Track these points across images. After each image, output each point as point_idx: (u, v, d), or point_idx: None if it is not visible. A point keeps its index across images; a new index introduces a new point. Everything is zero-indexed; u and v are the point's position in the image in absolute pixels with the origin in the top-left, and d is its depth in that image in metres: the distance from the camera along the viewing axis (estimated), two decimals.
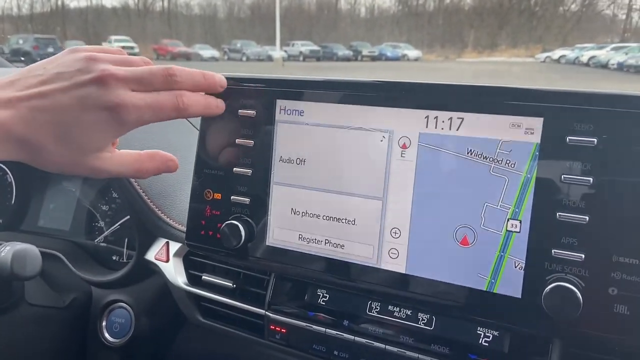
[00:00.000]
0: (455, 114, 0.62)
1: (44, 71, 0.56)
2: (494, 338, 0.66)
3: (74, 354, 0.98)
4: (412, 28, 50.19)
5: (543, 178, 0.58)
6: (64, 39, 40.58)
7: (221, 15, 61.27)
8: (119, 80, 0.55)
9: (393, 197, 0.66)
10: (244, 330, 0.84)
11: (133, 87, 0.57)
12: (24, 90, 0.53)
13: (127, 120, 0.56)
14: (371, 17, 56.99)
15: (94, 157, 0.57)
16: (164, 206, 0.91)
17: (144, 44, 40.35)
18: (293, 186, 0.73)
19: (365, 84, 0.68)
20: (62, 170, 0.56)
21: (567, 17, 41.02)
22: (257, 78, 0.74)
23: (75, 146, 0.54)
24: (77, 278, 1.00)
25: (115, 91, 0.55)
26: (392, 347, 0.70)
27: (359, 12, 59.63)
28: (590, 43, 33.10)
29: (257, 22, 53.88)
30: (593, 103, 0.56)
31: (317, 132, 0.71)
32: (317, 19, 53.55)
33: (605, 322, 0.56)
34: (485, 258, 0.62)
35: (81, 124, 0.54)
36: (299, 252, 0.73)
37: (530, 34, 42.20)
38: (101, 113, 0.54)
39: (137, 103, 0.56)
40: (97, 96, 0.54)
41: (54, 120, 0.53)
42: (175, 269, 0.90)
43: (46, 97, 0.53)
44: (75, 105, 0.53)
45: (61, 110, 0.53)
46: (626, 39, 35.91)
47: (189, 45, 40.41)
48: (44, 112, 0.52)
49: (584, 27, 41.23)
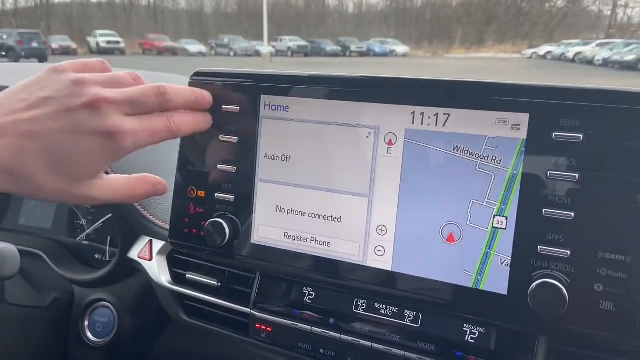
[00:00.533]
0: (441, 109, 0.62)
1: (28, 94, 0.51)
2: (480, 335, 0.66)
3: (56, 354, 0.97)
4: (400, 24, 50.28)
5: (529, 174, 0.58)
6: (48, 34, 40.03)
7: (208, 10, 60.88)
8: (111, 105, 0.52)
9: (379, 194, 0.66)
10: (229, 329, 0.83)
11: (126, 111, 0.54)
12: (9, 115, 0.49)
13: (124, 146, 0.53)
14: (359, 12, 56.97)
15: (85, 185, 0.54)
16: (147, 204, 0.90)
17: (129, 39, 39.98)
18: (278, 183, 0.72)
19: (352, 80, 0.67)
20: (48, 199, 0.53)
21: (553, 13, 41.34)
22: (241, 73, 0.73)
23: (67, 175, 0.51)
24: (58, 277, 0.99)
25: (109, 116, 0.52)
26: (378, 344, 0.70)
27: (347, 8, 59.57)
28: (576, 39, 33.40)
29: (244, 17, 53.62)
30: (579, 99, 0.55)
31: (303, 128, 0.70)
32: (305, 15, 53.41)
33: (591, 319, 0.55)
34: (472, 255, 0.61)
35: (74, 152, 0.51)
36: (284, 250, 0.72)
37: (517, 30, 42.47)
38: (95, 140, 0.51)
39: (133, 128, 0.54)
40: (91, 122, 0.51)
41: (44, 149, 0.49)
42: (159, 267, 0.89)
43: (35, 123, 0.49)
44: (67, 132, 0.50)
45: (52, 138, 0.49)
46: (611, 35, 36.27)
47: (175, 40, 40.11)
48: (33, 139, 0.49)
49: (570, 23, 41.57)
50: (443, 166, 0.62)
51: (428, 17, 48.67)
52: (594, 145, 0.55)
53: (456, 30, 45.78)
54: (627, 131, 0.53)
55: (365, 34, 47.96)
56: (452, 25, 46.30)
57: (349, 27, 52.62)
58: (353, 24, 54.44)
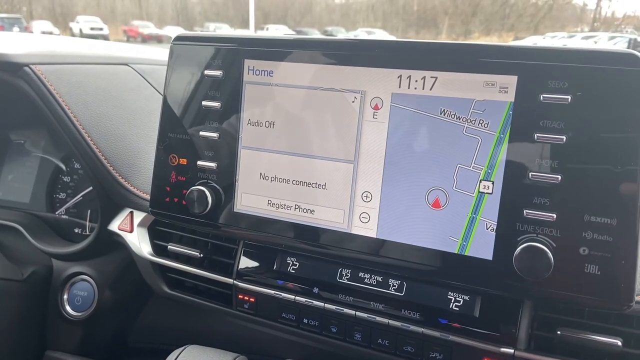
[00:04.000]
0: (428, 72, 0.61)
1: None
2: (464, 302, 0.65)
3: (34, 327, 0.95)
4: (386, 14, 50.13)
5: (516, 137, 0.57)
6: (30, 19, 39.21)
7: None
8: None
9: (364, 160, 0.65)
10: (212, 301, 0.82)
11: None
12: None
13: None
14: (346, 2, 56.67)
15: None
16: (128, 175, 0.88)
17: (113, 25, 39.30)
18: (262, 150, 0.70)
19: (337, 43, 0.66)
20: None
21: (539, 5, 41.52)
22: (225, 37, 0.71)
23: None
24: (37, 250, 0.96)
25: None
26: (362, 313, 0.69)
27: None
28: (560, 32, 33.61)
29: (230, 4, 53.01)
30: (567, 59, 0.54)
31: (287, 93, 0.68)
32: (291, 3, 52.98)
33: (576, 282, 0.55)
34: (457, 220, 0.61)
35: None
36: (267, 218, 0.70)
37: (503, 21, 42.60)
38: None
39: None
40: None
41: None
42: (140, 239, 0.87)
43: None
44: None
45: None
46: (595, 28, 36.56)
47: (160, 27, 39.52)
48: None
49: (555, 16, 41.79)
50: (429, 131, 0.61)
51: (415, 7, 48.60)
52: (582, 106, 0.54)
53: (443, 21, 45.79)
54: (615, 92, 0.53)
55: (352, 23, 47.75)
56: (438, 16, 46.30)
57: (335, 17, 52.37)
58: (340, 13, 54.18)
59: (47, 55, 0.89)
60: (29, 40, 1.01)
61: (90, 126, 0.87)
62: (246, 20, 35.55)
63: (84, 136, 0.85)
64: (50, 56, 0.89)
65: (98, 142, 0.86)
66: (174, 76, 0.74)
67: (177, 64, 0.74)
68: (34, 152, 1.08)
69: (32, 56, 0.87)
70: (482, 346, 0.63)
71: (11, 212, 1.03)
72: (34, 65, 0.85)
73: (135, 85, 1.00)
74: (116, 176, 0.86)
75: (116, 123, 0.90)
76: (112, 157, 0.87)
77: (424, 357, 0.67)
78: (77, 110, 0.86)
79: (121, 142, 0.89)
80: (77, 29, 33.68)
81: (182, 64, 0.73)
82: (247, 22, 34.14)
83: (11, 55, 0.85)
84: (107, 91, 0.94)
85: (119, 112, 0.92)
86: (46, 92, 0.85)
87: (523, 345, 0.62)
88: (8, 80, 0.86)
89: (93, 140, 0.86)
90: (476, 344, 0.64)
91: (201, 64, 0.71)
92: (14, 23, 23.50)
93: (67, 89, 0.87)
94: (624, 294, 0.54)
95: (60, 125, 0.86)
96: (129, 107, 0.95)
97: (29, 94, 0.86)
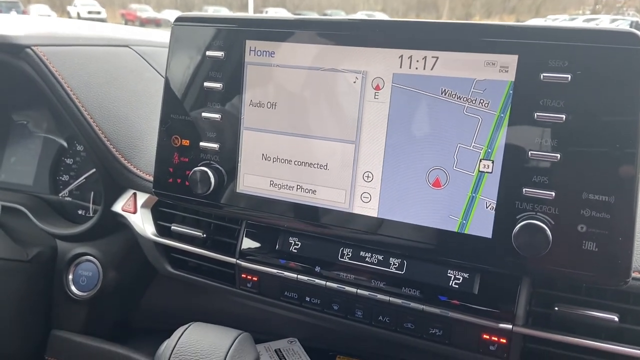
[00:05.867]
0: (429, 52, 0.61)
1: None
2: (463, 280, 0.67)
3: (40, 306, 0.96)
4: None
5: (516, 117, 0.57)
6: (28, 3, 38.84)
7: None
8: None
9: (366, 140, 0.65)
10: (215, 280, 0.83)
11: None
12: None
13: None
14: None
15: None
16: (131, 156, 0.88)
17: (111, 9, 38.91)
18: (264, 131, 0.71)
19: (339, 23, 0.66)
20: None
21: None
22: (226, 17, 0.71)
23: None
24: (41, 232, 0.97)
25: None
26: (363, 291, 0.70)
27: None
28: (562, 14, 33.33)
29: None
30: (568, 38, 0.55)
31: (289, 74, 0.68)
32: None
33: (573, 259, 0.56)
34: (457, 199, 0.61)
35: None
36: (270, 199, 0.71)
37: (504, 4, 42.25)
38: None
39: None
40: None
41: None
42: (144, 220, 0.88)
43: None
44: None
45: None
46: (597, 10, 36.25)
47: (158, 11, 39.13)
48: None
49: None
50: (430, 111, 0.62)
51: None
52: (582, 85, 0.54)
53: (443, 3, 45.41)
54: (615, 71, 0.53)
55: (352, 6, 47.34)
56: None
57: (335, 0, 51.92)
58: None
59: (49, 37, 0.89)
60: (30, 22, 1.01)
61: (93, 108, 0.87)
62: (245, 4, 35.22)
63: (87, 118, 0.86)
64: (51, 38, 0.89)
65: (101, 124, 0.87)
66: (176, 57, 0.74)
67: (178, 44, 0.74)
68: (37, 133, 1.08)
69: (34, 38, 0.87)
70: (481, 322, 0.65)
71: (15, 194, 1.04)
72: (35, 46, 0.86)
73: (136, 67, 1.00)
74: (119, 158, 0.87)
75: (118, 105, 0.91)
76: (115, 139, 0.88)
77: (424, 334, 0.68)
78: (79, 92, 0.86)
79: (123, 123, 0.90)
80: (74, 12, 33.35)
81: (184, 45, 0.74)
82: (245, 6, 33.82)
83: (13, 37, 0.85)
84: (108, 73, 0.94)
85: (120, 93, 0.93)
86: (48, 74, 0.85)
87: (521, 322, 0.64)
88: (10, 62, 0.87)
89: (96, 122, 0.87)
90: (475, 320, 0.65)
91: (202, 45, 0.72)
92: (12, 7, 23.31)
93: (69, 70, 0.87)
94: (621, 270, 0.55)
95: (63, 107, 0.86)
96: (131, 89, 0.95)
97: (31, 76, 0.86)
